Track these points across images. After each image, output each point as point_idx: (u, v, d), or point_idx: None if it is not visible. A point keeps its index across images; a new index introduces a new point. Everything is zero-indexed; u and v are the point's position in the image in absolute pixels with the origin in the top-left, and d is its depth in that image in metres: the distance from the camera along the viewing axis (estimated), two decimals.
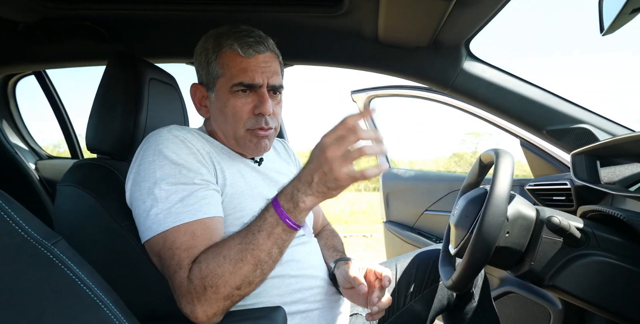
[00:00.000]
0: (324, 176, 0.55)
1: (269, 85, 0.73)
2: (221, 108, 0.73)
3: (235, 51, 0.71)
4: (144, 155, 0.66)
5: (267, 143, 0.76)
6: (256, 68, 0.71)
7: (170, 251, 0.59)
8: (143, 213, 0.63)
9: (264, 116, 0.72)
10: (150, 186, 0.63)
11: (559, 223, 0.62)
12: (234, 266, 0.57)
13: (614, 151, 0.88)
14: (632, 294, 0.60)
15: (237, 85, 0.71)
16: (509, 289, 1.27)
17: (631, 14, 0.50)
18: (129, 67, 0.82)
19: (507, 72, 1.09)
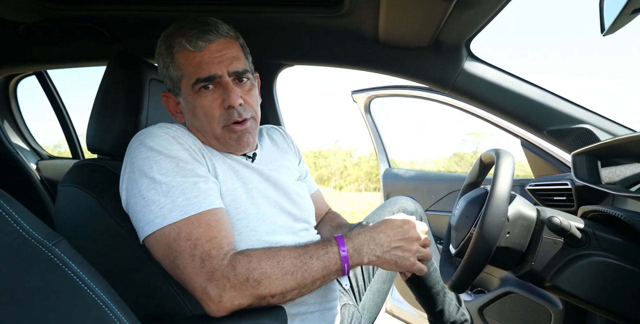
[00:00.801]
0: (399, 252, 0.66)
1: (230, 72, 0.68)
2: (192, 110, 0.71)
3: (185, 48, 0.67)
4: (136, 152, 0.65)
5: (250, 137, 0.73)
6: (210, 60, 0.67)
7: (189, 242, 0.59)
8: (143, 208, 0.61)
9: (234, 108, 0.69)
10: (149, 181, 0.62)
11: (560, 223, 0.62)
12: (282, 275, 0.59)
13: (614, 151, 0.88)
14: (632, 294, 0.60)
15: (196, 83, 0.67)
16: (509, 290, 1.26)
17: (632, 14, 0.50)
18: (129, 68, 0.82)
19: (508, 72, 1.09)
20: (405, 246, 0.67)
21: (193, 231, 0.60)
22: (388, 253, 0.65)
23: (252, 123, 0.73)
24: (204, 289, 0.59)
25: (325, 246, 0.63)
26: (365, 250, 0.64)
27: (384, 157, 2.04)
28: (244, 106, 0.70)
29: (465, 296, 1.47)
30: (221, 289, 0.58)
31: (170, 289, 0.68)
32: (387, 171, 1.95)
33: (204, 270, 0.59)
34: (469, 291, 1.50)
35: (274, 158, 0.85)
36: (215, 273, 0.58)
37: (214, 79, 0.68)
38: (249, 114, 0.71)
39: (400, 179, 1.86)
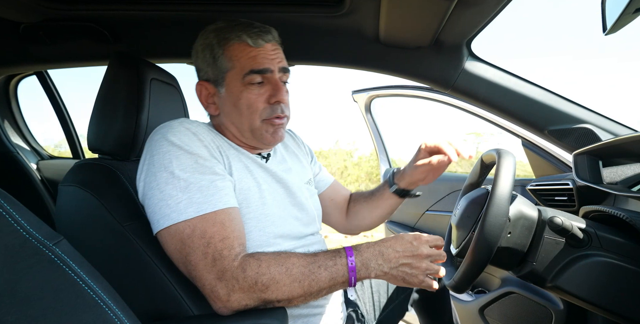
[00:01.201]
0: (407, 269, 0.65)
1: (279, 68, 0.74)
2: (234, 102, 0.73)
3: (245, 42, 0.71)
4: (157, 146, 0.66)
5: (283, 132, 0.77)
6: (266, 56, 0.72)
7: (202, 240, 0.60)
8: (160, 202, 0.63)
9: (280, 104, 0.73)
10: (167, 175, 0.63)
11: (561, 223, 0.61)
12: (290, 282, 0.60)
13: (616, 151, 0.88)
14: (634, 295, 0.60)
15: (248, 74, 0.71)
16: (510, 290, 1.26)
17: (634, 13, 0.50)
18: (130, 68, 0.82)
19: (509, 71, 1.09)
20: (413, 264, 0.66)
21: (207, 230, 0.61)
22: (396, 269, 0.65)
23: (286, 121, 0.77)
24: (213, 287, 0.60)
25: (334, 257, 0.64)
26: (372, 264, 0.64)
27: (384, 157, 2.03)
28: (285, 105, 0.75)
29: (466, 296, 1.47)
30: (230, 290, 0.60)
31: (171, 288, 0.68)
32: (388, 172, 1.95)
33: (214, 269, 0.60)
34: (469, 291, 1.49)
35: (285, 160, 0.87)
36: (225, 273, 0.60)
37: (266, 73, 0.72)
38: (288, 112, 0.76)
39: None
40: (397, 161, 4.63)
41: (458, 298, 1.48)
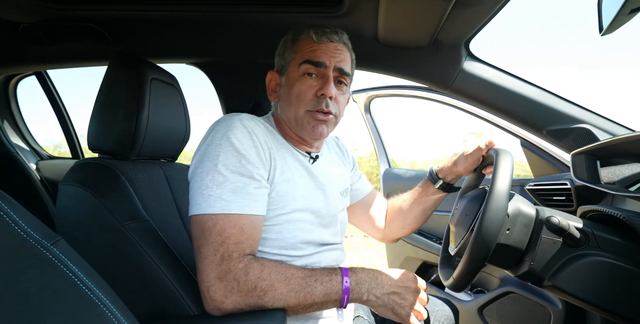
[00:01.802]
0: (401, 299, 0.68)
1: (336, 68, 0.76)
2: (288, 90, 0.78)
3: (310, 37, 0.76)
4: (214, 137, 0.68)
5: (325, 129, 0.77)
6: (326, 51, 0.76)
7: (219, 237, 0.62)
8: (198, 189, 0.65)
9: (325, 98, 0.75)
10: (211, 166, 0.66)
11: (558, 223, 0.62)
12: (287, 291, 0.62)
13: (614, 151, 0.88)
14: (631, 294, 0.60)
15: (304, 63, 0.75)
16: (509, 290, 1.26)
17: (630, 14, 0.50)
18: (130, 68, 0.82)
19: (507, 72, 1.09)
20: (403, 294, 0.69)
21: (226, 229, 0.63)
22: (387, 296, 0.68)
23: (332, 119, 0.78)
24: (211, 286, 0.61)
25: (330, 273, 0.65)
26: (366, 286, 0.66)
27: (383, 157, 2.04)
28: (333, 102, 0.77)
29: (465, 296, 1.47)
30: (228, 291, 0.60)
31: (171, 288, 0.69)
32: (387, 172, 1.95)
33: (219, 267, 0.61)
34: (469, 291, 1.50)
35: (330, 166, 0.90)
36: (228, 274, 0.61)
37: (321, 66, 0.76)
38: (335, 110, 0.77)
39: (401, 179, 1.86)
40: (397, 161, 4.61)
41: (457, 297, 1.48)
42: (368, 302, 0.67)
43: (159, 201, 0.85)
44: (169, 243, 0.75)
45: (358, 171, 1.06)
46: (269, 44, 1.24)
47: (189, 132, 1.00)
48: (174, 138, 0.96)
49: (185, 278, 0.73)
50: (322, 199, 0.81)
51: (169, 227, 0.84)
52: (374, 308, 0.69)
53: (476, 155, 0.86)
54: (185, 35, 1.18)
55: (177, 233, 0.87)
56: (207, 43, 1.25)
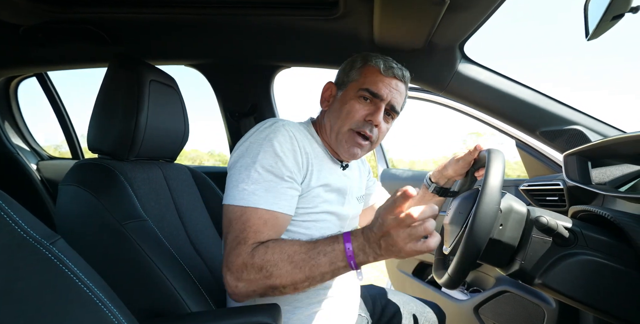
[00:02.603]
0: (389, 247, 0.60)
1: (389, 103, 0.83)
2: (341, 105, 0.83)
3: (378, 68, 0.82)
4: (257, 136, 0.74)
5: (359, 152, 0.84)
6: (387, 86, 0.82)
7: (242, 225, 0.67)
8: (235, 181, 0.71)
9: (371, 124, 0.81)
10: (250, 163, 0.71)
11: (547, 222, 0.63)
12: (292, 269, 0.64)
13: (605, 152, 0.89)
14: (618, 292, 0.61)
15: (363, 90, 0.81)
16: (504, 289, 1.28)
17: (612, 21, 0.51)
18: (129, 69, 0.83)
19: (501, 74, 1.10)
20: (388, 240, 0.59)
21: (250, 220, 0.67)
22: (385, 250, 0.61)
23: (368, 145, 0.84)
24: (227, 272, 0.66)
25: (332, 243, 0.65)
26: (368, 249, 0.63)
27: (381, 158, 2.04)
28: (376, 129, 0.83)
29: (461, 295, 1.49)
30: (239, 275, 0.64)
31: (169, 286, 0.70)
32: (385, 172, 1.96)
33: (233, 252, 0.65)
34: (465, 290, 1.51)
35: (354, 173, 0.96)
36: (238, 258, 0.65)
37: (377, 98, 0.82)
38: (375, 135, 0.83)
39: (398, 179, 1.87)
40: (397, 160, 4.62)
41: (454, 297, 1.49)
42: (377, 261, 0.65)
43: (157, 201, 0.86)
44: (167, 242, 0.77)
45: (373, 178, 1.10)
46: (267, 46, 1.25)
47: (187, 132, 1.01)
48: (172, 139, 0.97)
49: (183, 276, 0.74)
50: (346, 203, 0.87)
51: (167, 226, 0.86)
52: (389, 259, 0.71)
53: (467, 159, 0.88)
54: (184, 37, 1.19)
55: (176, 232, 0.88)
56: (205, 45, 1.26)
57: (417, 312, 1.03)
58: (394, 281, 1.88)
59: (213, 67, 1.42)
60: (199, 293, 0.75)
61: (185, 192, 1.00)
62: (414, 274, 1.75)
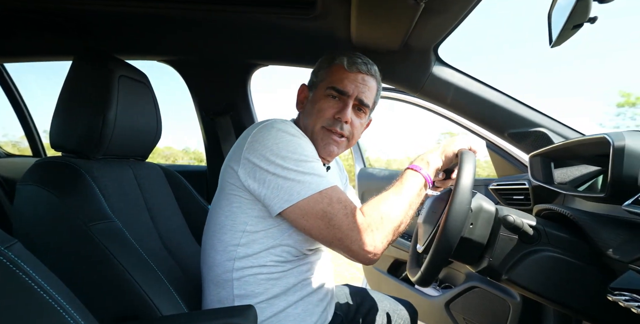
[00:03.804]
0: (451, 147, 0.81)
1: (357, 98, 0.84)
2: (313, 105, 0.86)
3: (342, 64, 0.84)
4: (276, 135, 0.74)
5: (335, 149, 0.85)
6: (352, 82, 0.83)
7: (340, 204, 0.70)
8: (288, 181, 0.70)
9: (341, 121, 0.83)
10: (288, 157, 0.71)
11: (514, 221, 0.66)
12: (397, 201, 0.72)
13: (566, 153, 0.94)
14: (575, 286, 0.65)
15: (330, 89, 0.83)
16: (473, 285, 1.33)
17: (573, 29, 0.55)
18: (97, 64, 0.79)
19: (473, 77, 1.14)
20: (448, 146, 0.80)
21: (339, 196, 0.71)
22: (442, 154, 0.80)
23: (344, 141, 0.86)
24: (360, 240, 0.68)
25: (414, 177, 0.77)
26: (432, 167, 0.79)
27: (359, 157, 2.07)
28: (348, 125, 0.84)
29: (434, 292, 1.53)
30: (371, 236, 0.69)
31: (139, 290, 0.67)
32: (362, 171, 1.98)
33: (355, 223, 0.69)
34: (437, 286, 1.55)
35: (334, 177, 0.98)
36: (362, 225, 0.69)
37: (343, 94, 0.83)
38: (347, 132, 0.85)
39: (375, 178, 1.90)
40: (374, 160, 4.69)
41: (426, 293, 1.54)
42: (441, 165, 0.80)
43: (127, 201, 0.83)
44: (138, 243, 0.74)
45: (349, 186, 1.12)
46: (243, 44, 1.24)
47: (159, 130, 0.98)
48: (143, 136, 0.94)
49: (154, 279, 0.72)
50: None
51: (137, 227, 0.83)
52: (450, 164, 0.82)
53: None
54: (156, 32, 1.15)
55: (147, 233, 0.86)
56: (179, 41, 1.22)
57: (391, 310, 1.05)
58: (370, 279, 1.91)
59: (187, 63, 1.39)
60: (171, 295, 0.73)
61: (158, 192, 0.97)
62: (388, 272, 1.78)
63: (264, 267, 0.75)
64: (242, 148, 0.74)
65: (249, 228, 0.75)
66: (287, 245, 0.76)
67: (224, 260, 0.77)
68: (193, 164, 2.03)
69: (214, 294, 0.78)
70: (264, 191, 0.71)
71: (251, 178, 0.72)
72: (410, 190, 0.75)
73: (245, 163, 0.73)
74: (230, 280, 0.76)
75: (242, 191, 0.75)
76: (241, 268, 0.75)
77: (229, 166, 0.77)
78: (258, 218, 0.75)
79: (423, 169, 0.78)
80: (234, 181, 0.75)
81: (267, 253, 0.75)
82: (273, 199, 0.71)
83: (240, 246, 0.75)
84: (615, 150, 0.69)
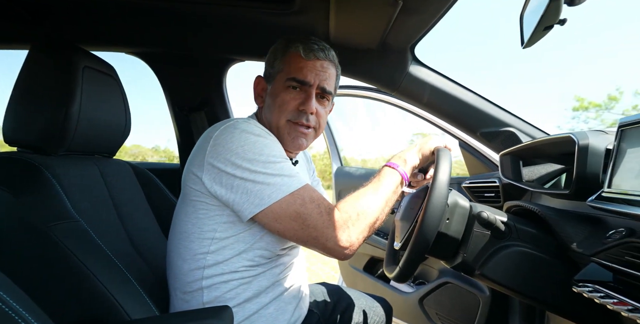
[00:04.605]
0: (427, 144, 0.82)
1: (319, 86, 0.80)
2: (273, 98, 0.81)
3: (299, 52, 0.80)
4: (240, 136, 0.70)
5: (304, 141, 0.82)
6: (312, 70, 0.79)
7: (313, 203, 0.69)
8: (257, 184, 0.68)
9: (306, 113, 0.80)
10: (256, 159, 0.68)
11: (487, 217, 0.68)
12: (373, 198, 0.72)
13: (533, 152, 0.99)
14: (542, 278, 0.68)
15: (290, 80, 0.79)
16: (446, 280, 1.37)
17: (544, 31, 0.57)
18: (58, 53, 0.75)
19: (448, 77, 1.17)
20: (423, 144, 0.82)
21: (311, 195, 0.70)
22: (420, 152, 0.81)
23: (312, 132, 0.83)
24: (336, 237, 0.68)
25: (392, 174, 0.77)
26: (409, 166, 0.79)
27: (336, 156, 2.07)
28: (314, 116, 0.81)
29: (408, 288, 1.56)
30: (350, 231, 0.69)
31: (105, 293, 0.64)
32: (339, 170, 1.99)
33: (331, 220, 0.68)
34: (411, 283, 1.59)
35: (302, 171, 0.95)
36: (338, 222, 0.69)
37: (304, 85, 0.80)
38: (314, 123, 0.82)
39: (352, 177, 1.91)
40: (349, 159, 4.73)
41: (401, 290, 1.57)
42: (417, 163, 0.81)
43: (92, 200, 0.79)
44: (104, 244, 0.70)
45: (316, 177, 1.10)
46: (219, 39, 1.20)
47: (129, 125, 0.94)
48: (110, 132, 0.89)
49: (122, 281, 0.68)
50: None
51: (104, 227, 0.78)
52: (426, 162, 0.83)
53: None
54: (126, 21, 1.09)
55: (114, 233, 0.82)
56: (150, 32, 1.17)
57: (367, 307, 1.06)
58: (346, 278, 1.92)
59: (159, 56, 1.33)
60: (141, 297, 0.70)
61: (126, 190, 0.92)
62: (364, 270, 1.80)
63: (235, 273, 0.73)
64: (204, 153, 0.70)
65: (218, 234, 0.72)
66: (260, 248, 0.74)
67: (193, 268, 0.73)
68: (164, 162, 1.95)
69: (182, 303, 0.75)
70: (232, 196, 0.68)
71: (217, 184, 0.69)
72: (387, 187, 0.75)
73: (209, 168, 0.69)
74: (200, 289, 0.73)
75: (208, 198, 0.71)
76: (211, 276, 0.72)
77: (190, 172, 0.72)
78: (227, 223, 0.71)
79: (400, 166, 0.78)
80: (198, 188, 0.71)
81: (239, 258, 0.73)
82: (243, 204, 0.68)
83: (209, 253, 0.72)
84: (580, 149, 0.73)
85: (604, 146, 0.72)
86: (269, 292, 0.77)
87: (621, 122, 0.59)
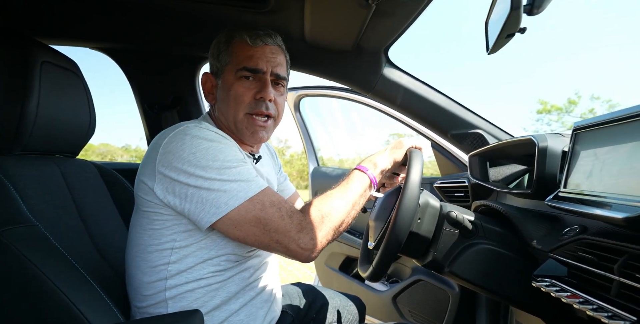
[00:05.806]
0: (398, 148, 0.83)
1: (272, 72, 0.78)
2: (226, 92, 0.77)
3: (245, 40, 0.76)
4: (191, 143, 0.66)
5: (265, 134, 0.80)
6: (262, 56, 0.76)
7: (274, 207, 0.67)
8: (213, 192, 0.65)
9: (264, 101, 0.77)
10: (210, 166, 0.65)
11: (456, 217, 0.70)
12: (340, 201, 0.72)
13: (499, 153, 1.03)
14: (505, 274, 0.71)
15: (241, 70, 0.76)
16: (418, 278, 1.40)
17: (506, 38, 0.60)
18: (13, 47, 0.70)
19: (420, 80, 1.20)
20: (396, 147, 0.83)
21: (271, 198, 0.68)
22: (391, 157, 0.81)
23: (271, 122, 0.80)
24: (298, 239, 0.67)
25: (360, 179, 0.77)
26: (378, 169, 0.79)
27: (312, 156, 2.08)
28: (272, 104, 0.78)
29: (382, 287, 1.59)
30: (312, 233, 0.67)
31: (66, 302, 0.60)
32: (316, 170, 1.99)
33: (293, 223, 0.67)
34: (385, 281, 1.61)
35: (267, 166, 0.93)
36: (301, 224, 0.68)
37: (258, 73, 0.76)
38: (273, 111, 0.79)
39: (328, 177, 1.92)
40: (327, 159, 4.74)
41: (375, 288, 1.59)
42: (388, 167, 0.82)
43: (51, 202, 0.74)
44: (64, 248, 0.66)
45: (283, 172, 1.08)
46: (192, 36, 1.17)
47: (93, 124, 0.89)
48: (73, 130, 0.84)
49: (84, 289, 0.64)
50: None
51: (65, 232, 0.74)
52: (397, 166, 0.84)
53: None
54: (90, 15, 1.04)
55: (76, 236, 0.77)
56: (117, 27, 1.12)
57: (341, 306, 1.07)
58: (322, 277, 1.92)
59: (126, 52, 1.28)
60: (104, 304, 0.66)
61: (90, 191, 0.88)
62: (340, 269, 1.81)
63: (201, 280, 0.70)
64: (154, 161, 0.66)
65: (178, 244, 0.69)
66: (225, 253, 0.71)
67: (154, 280, 0.70)
68: (134, 161, 1.88)
69: (144, 317, 0.72)
70: (187, 206, 0.65)
71: (171, 194, 0.65)
72: (355, 190, 0.75)
73: (161, 178, 0.66)
74: (164, 300, 0.70)
75: (162, 208, 0.68)
76: (175, 286, 0.69)
77: (141, 182, 0.69)
78: (186, 232, 0.69)
79: (370, 170, 0.78)
80: (150, 198, 0.68)
81: (204, 265, 0.70)
82: (199, 213, 0.65)
83: (170, 264, 0.69)
84: (539, 151, 0.76)
85: (561, 148, 0.76)
86: (239, 298, 0.74)
87: (575, 125, 0.62)
